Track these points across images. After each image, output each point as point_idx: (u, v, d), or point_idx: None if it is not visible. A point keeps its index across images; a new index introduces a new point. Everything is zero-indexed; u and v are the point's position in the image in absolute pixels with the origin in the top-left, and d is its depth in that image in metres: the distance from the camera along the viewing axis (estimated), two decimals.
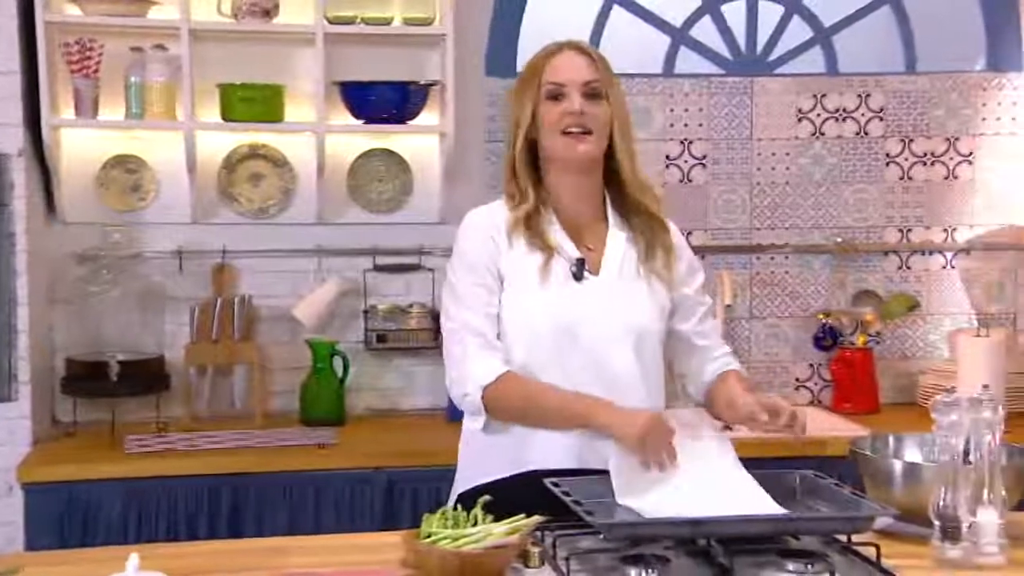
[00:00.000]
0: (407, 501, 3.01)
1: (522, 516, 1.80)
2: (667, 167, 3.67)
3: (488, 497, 1.85)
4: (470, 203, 2.31)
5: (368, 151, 3.54)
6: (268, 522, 2.98)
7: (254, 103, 3.33)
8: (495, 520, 1.81)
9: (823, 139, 3.72)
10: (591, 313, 2.10)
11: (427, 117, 3.45)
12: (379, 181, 3.55)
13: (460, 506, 1.92)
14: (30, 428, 3.10)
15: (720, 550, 1.78)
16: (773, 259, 3.72)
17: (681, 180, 3.67)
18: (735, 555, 1.75)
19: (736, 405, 2.09)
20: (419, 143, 3.55)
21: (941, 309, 3.77)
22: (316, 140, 3.39)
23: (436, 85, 3.42)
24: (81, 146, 3.39)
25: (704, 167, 3.69)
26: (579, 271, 2.12)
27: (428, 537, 1.78)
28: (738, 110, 3.69)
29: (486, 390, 2.05)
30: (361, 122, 3.43)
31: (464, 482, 2.17)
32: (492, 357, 2.07)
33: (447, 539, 1.76)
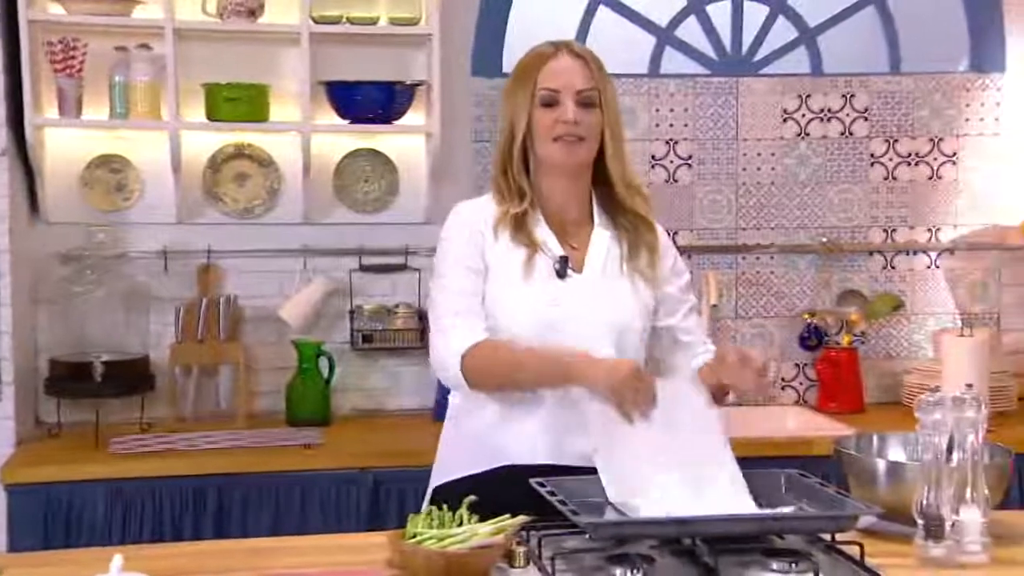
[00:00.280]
0: (393, 501, 3.01)
1: (507, 516, 1.80)
2: (653, 167, 3.67)
3: (473, 497, 1.85)
4: (456, 203, 2.30)
5: (354, 151, 3.53)
6: (253, 523, 2.97)
7: (239, 103, 3.32)
8: (473, 514, 1.81)
9: (808, 139, 3.73)
10: (573, 310, 2.12)
11: (413, 117, 3.45)
12: (365, 181, 3.55)
13: (438, 499, 1.96)
14: (13, 429, 3.09)
15: (705, 549, 1.79)
16: (759, 259, 3.73)
17: (667, 180, 3.68)
18: (720, 554, 1.76)
19: (716, 359, 2.09)
20: (405, 143, 3.54)
21: (925, 309, 3.78)
22: (302, 140, 3.38)
23: (422, 85, 3.42)
24: (65, 146, 3.37)
25: (690, 167, 3.69)
26: (562, 268, 2.13)
27: (413, 537, 1.78)
28: (723, 110, 3.69)
29: (464, 359, 2.06)
30: (347, 122, 3.42)
31: (441, 475, 2.20)
32: (469, 328, 2.09)
33: (432, 539, 1.76)
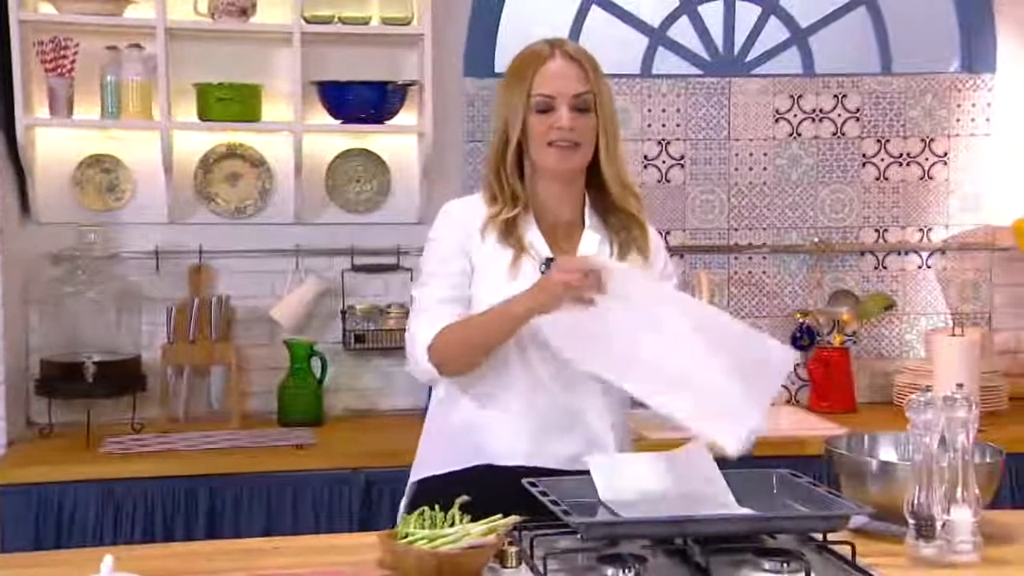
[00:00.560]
0: (385, 502, 3.00)
1: (499, 516, 1.80)
2: (645, 167, 3.68)
3: (466, 497, 1.85)
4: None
5: (346, 151, 3.53)
6: (245, 523, 2.97)
7: (231, 103, 3.32)
8: (464, 514, 1.81)
9: (800, 139, 3.73)
10: (556, 313, 2.08)
11: (405, 117, 3.45)
12: (357, 181, 3.55)
13: (416, 494, 2.09)
14: (4, 429, 3.08)
15: (697, 549, 1.79)
16: (751, 259, 3.74)
17: (659, 180, 3.68)
18: (712, 554, 1.76)
19: None
20: (397, 143, 3.54)
21: (917, 309, 3.79)
22: (294, 140, 3.38)
23: (414, 85, 3.42)
24: (56, 146, 3.36)
25: (682, 167, 3.70)
26: (547, 270, 2.11)
27: (405, 537, 1.78)
28: (715, 111, 3.70)
29: (429, 349, 2.09)
30: (339, 122, 3.42)
31: (421, 470, 2.22)
32: (433, 323, 2.10)
33: (424, 539, 1.76)
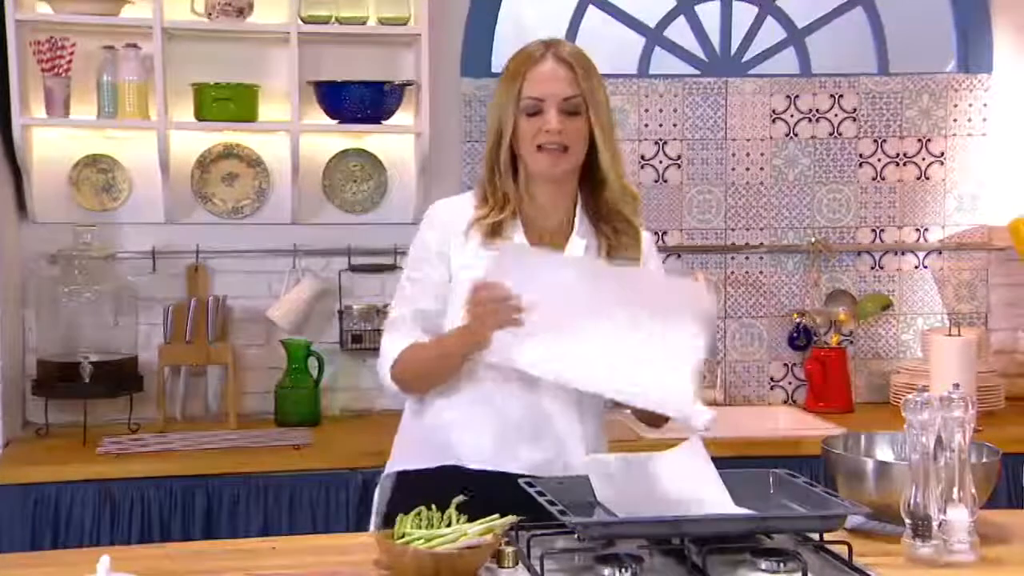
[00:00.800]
0: None
1: (496, 516, 1.80)
2: (642, 167, 3.68)
3: (462, 497, 1.85)
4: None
5: (343, 151, 3.53)
6: (242, 523, 2.97)
7: (228, 103, 3.31)
8: (461, 514, 1.81)
9: (797, 139, 3.74)
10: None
11: (402, 117, 3.45)
12: (354, 181, 3.55)
13: (387, 489, 2.16)
14: (1, 429, 3.08)
15: (694, 549, 1.79)
16: (748, 259, 3.74)
17: (656, 180, 3.68)
18: (709, 554, 1.76)
19: None
20: (394, 143, 3.54)
21: (914, 309, 3.80)
22: (291, 140, 3.38)
23: (411, 85, 3.42)
24: (53, 145, 3.36)
25: (679, 167, 3.70)
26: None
27: (402, 537, 1.78)
28: (712, 111, 3.70)
29: (392, 370, 2.11)
30: (336, 122, 3.42)
31: (394, 465, 2.22)
32: (397, 342, 2.11)
33: (421, 539, 1.76)
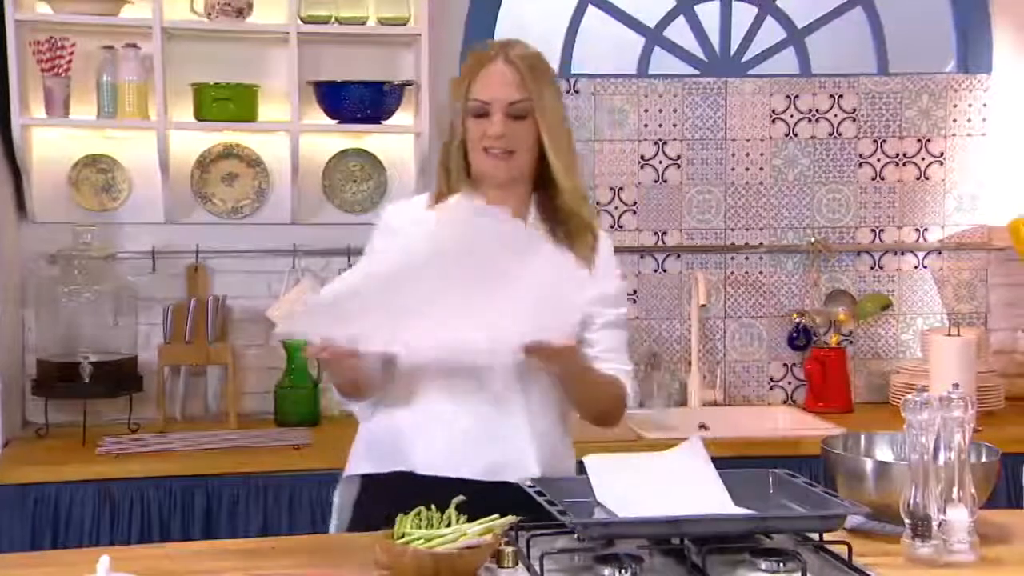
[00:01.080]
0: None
1: (496, 516, 1.80)
2: (641, 167, 3.68)
3: (462, 497, 1.85)
4: None
5: (343, 151, 3.53)
6: (242, 523, 2.97)
7: (228, 103, 3.31)
8: (460, 514, 1.81)
9: (796, 140, 3.74)
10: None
11: (402, 117, 3.45)
12: (354, 181, 3.55)
13: (342, 491, 2.18)
14: (0, 430, 3.08)
15: (693, 549, 1.79)
16: (747, 259, 3.74)
17: (656, 180, 3.68)
18: (708, 554, 1.76)
19: None
20: (394, 143, 3.54)
21: (913, 309, 3.80)
22: (290, 140, 3.38)
23: (411, 85, 3.42)
24: (52, 145, 3.36)
25: (678, 167, 3.70)
26: None
27: (402, 537, 1.78)
28: (712, 111, 3.70)
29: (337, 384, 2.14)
30: (335, 122, 3.42)
31: (350, 467, 2.21)
32: None
33: (420, 539, 1.76)
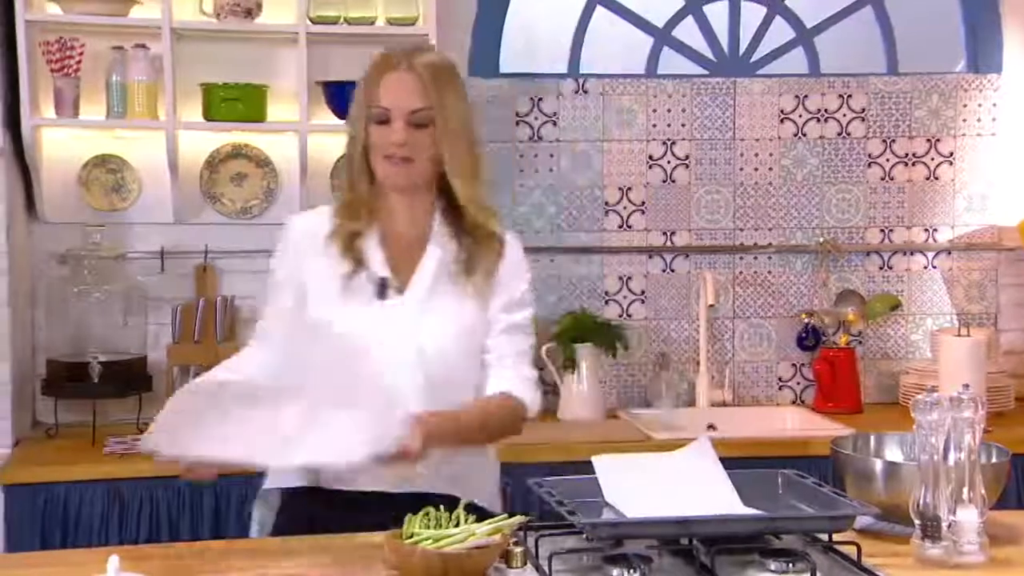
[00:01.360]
0: None
1: (504, 516, 1.80)
2: (650, 167, 3.67)
3: (464, 498, 1.85)
4: None
5: None
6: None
7: (237, 103, 3.32)
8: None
9: (805, 139, 3.73)
10: (384, 336, 2.04)
11: None
12: None
13: (258, 502, 2.18)
14: (10, 429, 3.08)
15: (702, 549, 1.79)
16: (756, 259, 3.73)
17: (664, 180, 3.68)
18: (717, 554, 1.76)
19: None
20: None
21: (923, 309, 3.79)
22: (299, 140, 3.38)
23: None
24: (62, 145, 3.37)
25: (687, 167, 3.69)
26: (381, 291, 2.07)
27: (411, 537, 1.78)
28: (721, 111, 3.69)
29: None
30: (344, 122, 3.41)
31: (265, 480, 2.19)
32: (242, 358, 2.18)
33: (429, 539, 1.76)
